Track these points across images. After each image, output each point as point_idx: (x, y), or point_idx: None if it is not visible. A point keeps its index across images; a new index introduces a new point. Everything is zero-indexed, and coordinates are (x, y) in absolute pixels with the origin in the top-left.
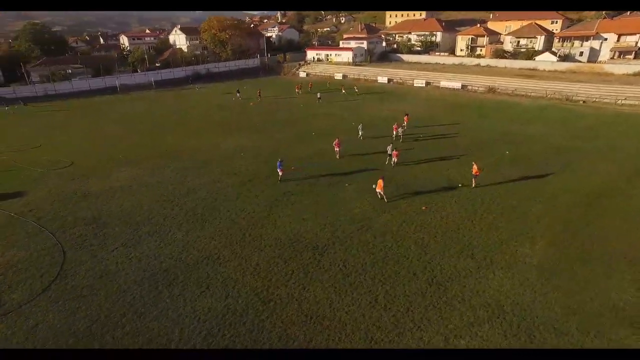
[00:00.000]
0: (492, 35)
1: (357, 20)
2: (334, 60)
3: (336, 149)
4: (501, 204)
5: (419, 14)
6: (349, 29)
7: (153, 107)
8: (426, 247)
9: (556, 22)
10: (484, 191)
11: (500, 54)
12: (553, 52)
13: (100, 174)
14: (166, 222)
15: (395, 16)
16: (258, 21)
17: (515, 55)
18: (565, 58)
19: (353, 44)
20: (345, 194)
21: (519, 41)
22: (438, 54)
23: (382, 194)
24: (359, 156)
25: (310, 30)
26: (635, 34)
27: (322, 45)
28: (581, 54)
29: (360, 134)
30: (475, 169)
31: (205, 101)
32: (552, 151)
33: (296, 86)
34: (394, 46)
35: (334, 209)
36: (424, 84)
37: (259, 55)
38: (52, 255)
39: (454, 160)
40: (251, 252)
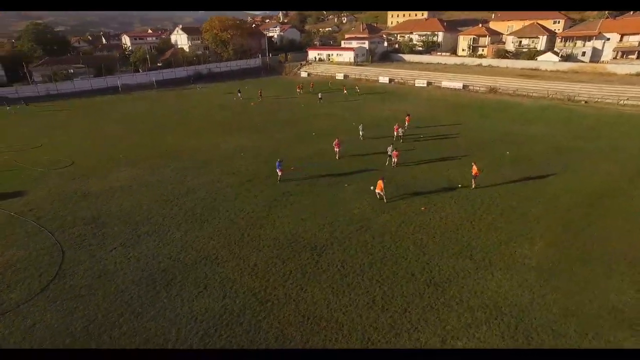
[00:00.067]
0: (494, 35)
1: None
2: (335, 60)
3: (336, 150)
4: (501, 204)
5: (420, 13)
6: (350, 29)
7: (154, 107)
8: (425, 248)
9: (558, 22)
10: (483, 192)
11: (502, 54)
12: (555, 52)
13: (101, 173)
14: (165, 222)
15: (397, 16)
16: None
17: (517, 55)
18: (568, 58)
19: (354, 44)
20: (344, 194)
21: (520, 41)
22: (440, 54)
23: (382, 194)
24: (359, 157)
25: (312, 30)
26: (638, 33)
27: (323, 45)
28: (583, 54)
29: (361, 134)
30: (474, 170)
31: (207, 101)
32: (553, 151)
33: (297, 86)
34: (396, 46)
35: (333, 210)
36: (425, 84)
37: (261, 55)
38: (51, 254)
39: (454, 160)
40: (249, 253)
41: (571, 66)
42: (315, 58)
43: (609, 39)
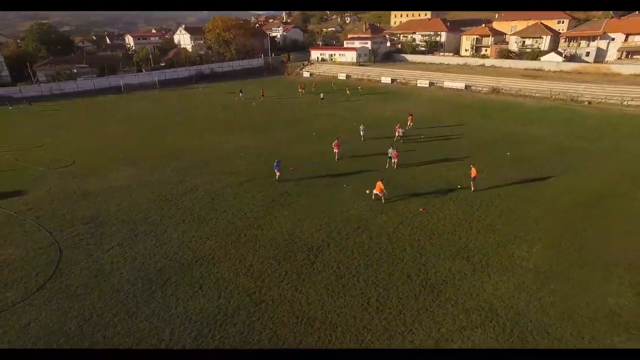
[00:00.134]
0: (497, 35)
1: (362, 20)
2: (338, 60)
3: (335, 150)
4: (500, 205)
5: (424, 14)
6: (353, 29)
7: (156, 107)
8: (422, 249)
9: (563, 22)
10: (483, 193)
11: (505, 54)
12: (559, 52)
13: (101, 173)
14: (163, 221)
15: (400, 16)
16: (263, 21)
17: (520, 55)
18: (571, 58)
19: (357, 44)
20: (343, 194)
21: (524, 41)
22: (442, 54)
23: (381, 195)
24: (359, 157)
25: (315, 30)
26: None
27: (326, 45)
28: (587, 54)
29: (361, 135)
30: (473, 173)
31: (208, 101)
32: (555, 152)
33: (299, 86)
34: (399, 46)
35: (331, 210)
36: (427, 84)
37: (263, 55)
38: (48, 254)
39: (454, 161)
40: (246, 253)
41: (575, 66)
42: (317, 58)
43: (613, 39)
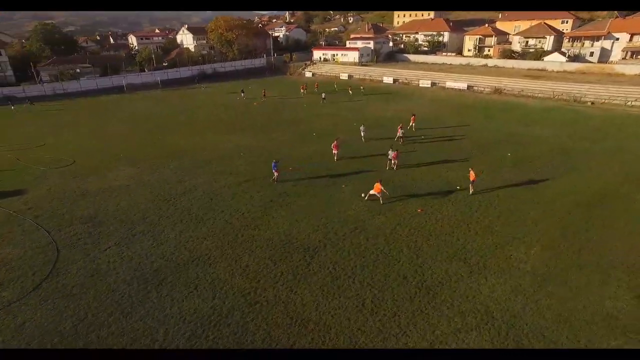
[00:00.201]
0: (500, 35)
1: (365, 20)
2: (340, 60)
3: (334, 151)
4: (499, 207)
5: (427, 13)
6: (356, 29)
7: (158, 107)
8: (419, 250)
9: (566, 21)
10: (482, 194)
11: (508, 54)
12: (562, 52)
13: (101, 172)
14: (161, 221)
15: (403, 16)
16: (267, 21)
17: (523, 55)
18: (575, 58)
19: (360, 44)
20: (341, 195)
21: (527, 41)
22: (445, 54)
23: (379, 195)
24: (358, 158)
25: (318, 30)
26: None
27: (329, 45)
28: (591, 54)
29: (362, 135)
30: (472, 176)
31: (210, 101)
32: (557, 153)
33: (301, 86)
34: (401, 46)
35: (328, 211)
36: (429, 85)
37: (266, 55)
38: (46, 253)
39: (455, 162)
40: (242, 253)
41: (578, 67)
42: (320, 58)
43: (618, 38)
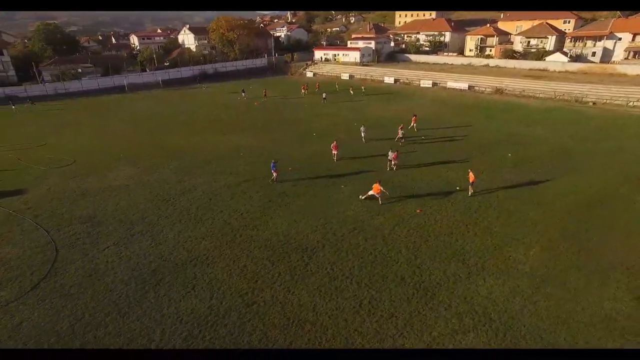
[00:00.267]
0: (502, 35)
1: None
2: (341, 60)
3: (334, 152)
4: (498, 207)
5: (428, 13)
6: (358, 29)
7: (158, 107)
8: (417, 251)
9: (569, 21)
10: (481, 194)
11: (510, 54)
12: (564, 52)
13: (101, 172)
14: (160, 221)
15: (405, 16)
16: (268, 21)
17: (525, 55)
18: (577, 58)
19: (361, 44)
20: (340, 195)
21: (529, 41)
22: (446, 54)
23: (378, 196)
24: (359, 158)
25: (320, 30)
26: None
27: (330, 45)
28: (594, 54)
29: (362, 136)
30: (471, 177)
31: (211, 100)
32: (558, 153)
33: (302, 86)
34: (403, 46)
35: (327, 211)
36: (430, 85)
37: (267, 55)
38: (44, 253)
39: (455, 162)
40: (240, 253)
41: (580, 67)
42: (321, 58)
43: (620, 38)
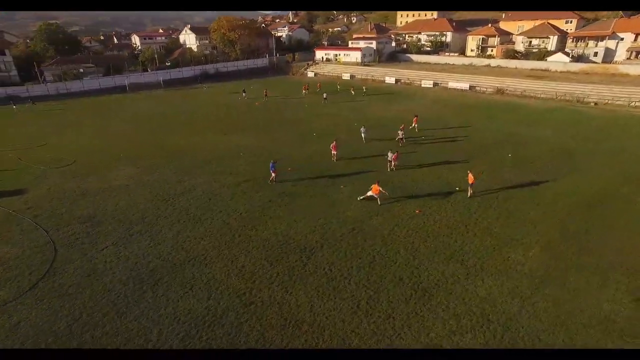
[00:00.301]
0: (504, 35)
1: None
2: (342, 60)
3: (333, 152)
4: (498, 208)
5: (430, 13)
6: (359, 29)
7: (159, 107)
8: (416, 252)
9: (571, 21)
10: (481, 195)
11: (511, 54)
12: (566, 52)
13: (101, 172)
14: (159, 221)
15: (406, 16)
16: (270, 21)
17: (526, 55)
18: (579, 59)
19: (362, 44)
20: (339, 196)
21: (530, 41)
22: (448, 54)
23: (377, 196)
24: (358, 159)
25: (321, 30)
26: None
27: (331, 45)
28: (596, 54)
29: (363, 137)
30: (471, 178)
31: (212, 100)
32: (558, 154)
33: (303, 86)
34: (404, 46)
35: (326, 211)
36: (431, 85)
37: (268, 55)
38: (43, 252)
39: (455, 163)
40: (238, 254)
41: (582, 67)
42: (322, 58)
43: (622, 38)
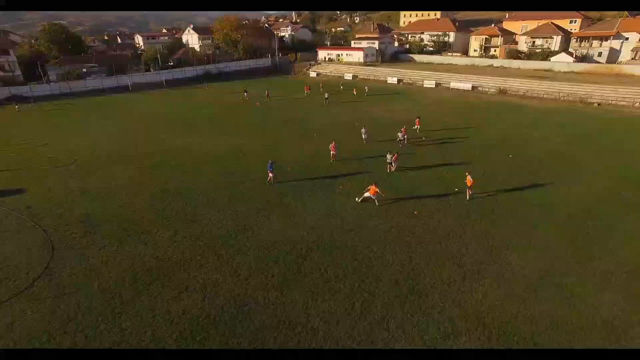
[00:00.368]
0: (507, 35)
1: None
2: (345, 60)
3: (332, 153)
4: (497, 210)
5: (433, 13)
6: (362, 29)
7: (161, 106)
8: (412, 254)
9: (575, 21)
10: (481, 196)
11: (514, 54)
12: (569, 52)
13: (101, 172)
14: (157, 221)
15: (409, 16)
16: (273, 21)
17: (530, 56)
18: (583, 59)
19: (364, 44)
20: (337, 196)
21: (534, 41)
22: (450, 54)
23: (374, 197)
24: (358, 160)
25: (324, 30)
26: None
27: (334, 45)
28: (600, 54)
29: (363, 137)
30: (469, 181)
31: (213, 100)
32: (559, 155)
33: (305, 87)
34: (406, 46)
35: (323, 212)
36: (433, 85)
37: (271, 55)
38: (41, 252)
39: (454, 164)
40: (234, 254)
41: (586, 67)
42: (325, 58)
43: (627, 38)
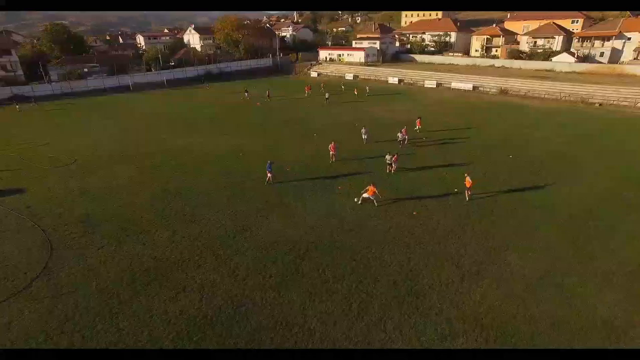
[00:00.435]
0: (508, 35)
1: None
2: (346, 60)
3: (332, 153)
4: (497, 210)
5: (435, 13)
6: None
7: (162, 106)
8: (411, 254)
9: (577, 21)
10: (480, 197)
11: (516, 54)
12: (571, 52)
13: (100, 172)
14: (155, 221)
15: (411, 16)
16: (275, 20)
17: (531, 56)
18: (585, 59)
19: (366, 44)
20: (336, 197)
21: (535, 41)
22: (452, 54)
23: (373, 198)
24: (358, 160)
25: (325, 30)
26: None
27: (335, 45)
28: (602, 54)
29: (364, 138)
30: (468, 182)
31: (214, 100)
32: (560, 155)
33: (306, 87)
34: (408, 46)
35: (322, 213)
36: (434, 85)
37: (272, 55)
38: (39, 252)
39: (454, 164)
40: (232, 255)
41: (587, 67)
42: (326, 58)
43: (629, 38)
